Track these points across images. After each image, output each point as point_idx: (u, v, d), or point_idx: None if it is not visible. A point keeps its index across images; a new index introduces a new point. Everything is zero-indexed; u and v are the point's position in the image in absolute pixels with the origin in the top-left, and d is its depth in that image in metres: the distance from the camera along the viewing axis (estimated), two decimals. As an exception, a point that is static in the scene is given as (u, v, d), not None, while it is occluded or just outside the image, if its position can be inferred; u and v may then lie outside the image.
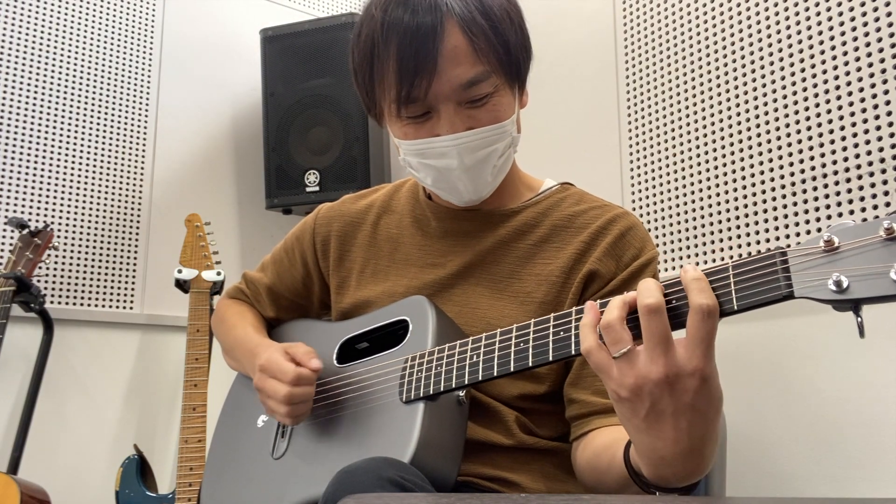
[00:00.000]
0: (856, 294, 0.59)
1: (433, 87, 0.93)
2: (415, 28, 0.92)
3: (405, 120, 0.98)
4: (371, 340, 1.07)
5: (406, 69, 0.93)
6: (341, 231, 1.17)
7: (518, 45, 0.99)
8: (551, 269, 1.02)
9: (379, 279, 1.11)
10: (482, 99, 0.96)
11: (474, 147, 0.96)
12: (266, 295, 1.25)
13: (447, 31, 0.92)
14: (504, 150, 1.00)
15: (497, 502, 0.61)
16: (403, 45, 0.92)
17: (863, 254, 0.59)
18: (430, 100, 0.94)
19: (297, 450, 1.03)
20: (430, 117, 0.97)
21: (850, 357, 1.35)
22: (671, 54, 1.78)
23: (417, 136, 0.98)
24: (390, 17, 0.94)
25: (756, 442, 1.47)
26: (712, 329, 0.64)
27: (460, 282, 1.05)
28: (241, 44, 2.53)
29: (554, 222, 1.06)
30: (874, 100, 1.37)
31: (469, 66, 0.93)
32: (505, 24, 0.96)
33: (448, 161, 0.97)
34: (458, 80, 0.93)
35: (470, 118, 0.96)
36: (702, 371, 0.64)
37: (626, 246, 1.02)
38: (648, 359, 0.65)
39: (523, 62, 1.01)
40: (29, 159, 2.11)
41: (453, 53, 0.92)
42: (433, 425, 0.88)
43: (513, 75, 0.99)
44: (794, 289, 0.62)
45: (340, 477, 0.76)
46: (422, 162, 1.00)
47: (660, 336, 0.64)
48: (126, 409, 2.18)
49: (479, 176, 0.99)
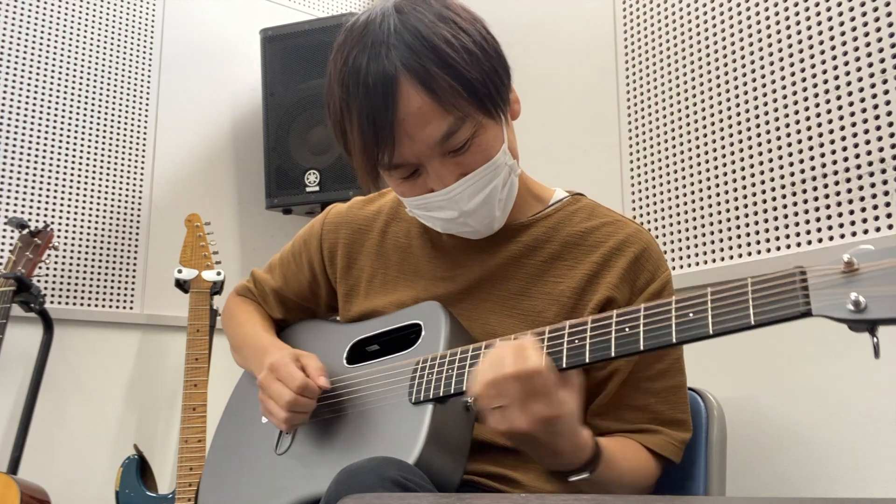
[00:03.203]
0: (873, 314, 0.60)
1: (407, 151, 0.91)
2: (368, 100, 0.89)
3: (397, 179, 0.97)
4: (382, 344, 1.07)
5: (369, 142, 0.91)
6: (349, 238, 1.16)
7: (486, 77, 0.92)
8: (562, 289, 1.01)
9: (388, 289, 1.11)
10: (465, 144, 0.92)
11: (471, 193, 0.95)
12: (273, 297, 1.25)
13: (402, 95, 0.88)
14: (504, 182, 0.98)
15: (497, 502, 0.62)
16: (362, 118, 0.90)
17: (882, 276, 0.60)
18: (412, 161, 0.93)
19: (301, 447, 1.03)
20: (420, 173, 0.95)
21: (849, 357, 1.35)
22: (671, 54, 1.78)
23: (413, 192, 0.97)
24: (346, 89, 0.92)
25: (756, 442, 1.47)
26: (545, 383, 0.77)
27: (469, 297, 1.05)
28: (241, 44, 2.53)
29: (565, 239, 1.04)
30: (874, 100, 1.37)
31: (438, 121, 0.89)
32: (465, 64, 0.90)
33: (450, 212, 0.96)
34: (433, 138, 0.90)
35: (459, 165, 0.93)
36: (551, 417, 0.78)
37: (640, 270, 1.01)
38: (513, 415, 0.78)
39: (497, 89, 0.94)
40: (29, 159, 2.11)
41: (418, 114, 0.89)
42: (440, 427, 0.88)
43: (489, 109, 0.93)
44: (813, 307, 0.63)
45: (343, 476, 0.76)
46: (427, 214, 0.99)
47: (514, 397, 0.78)
48: (126, 409, 2.18)
49: (486, 215, 0.98)
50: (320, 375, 0.99)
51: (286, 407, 0.97)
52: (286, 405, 0.96)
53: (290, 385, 0.97)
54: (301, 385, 0.96)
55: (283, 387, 0.97)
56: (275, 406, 0.99)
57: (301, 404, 0.97)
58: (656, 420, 1.00)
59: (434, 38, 0.90)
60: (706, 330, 0.70)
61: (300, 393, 0.96)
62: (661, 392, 1.01)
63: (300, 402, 0.96)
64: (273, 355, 1.03)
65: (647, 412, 1.00)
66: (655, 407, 1.00)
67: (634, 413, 1.00)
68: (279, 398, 0.97)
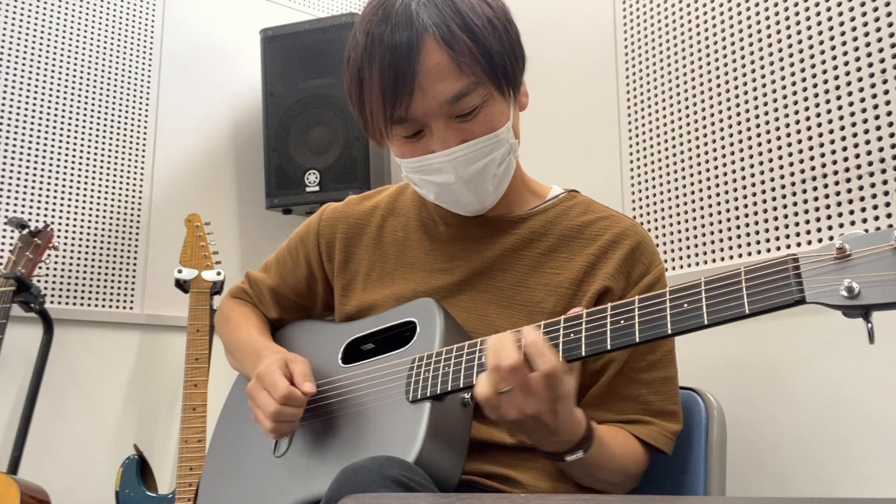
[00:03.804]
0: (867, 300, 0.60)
1: (418, 106, 0.93)
2: (393, 48, 0.92)
3: (401, 139, 0.98)
4: (377, 342, 1.07)
5: (388, 90, 0.93)
6: (346, 233, 1.17)
7: (504, 52, 0.96)
8: (560, 280, 1.02)
9: (385, 283, 1.11)
10: (473, 111, 0.95)
11: (469, 159, 0.96)
12: (269, 296, 1.24)
13: (425, 48, 0.92)
14: (502, 158, 0.99)
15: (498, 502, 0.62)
16: (384, 66, 0.93)
17: (874, 261, 0.60)
18: (419, 118, 0.95)
19: (300, 449, 1.02)
20: (423, 135, 0.97)
21: (849, 357, 1.35)
22: (671, 54, 1.78)
23: (414, 154, 0.98)
24: (371, 39, 0.95)
25: (756, 442, 1.47)
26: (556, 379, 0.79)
27: (468, 288, 1.05)
28: (241, 44, 2.53)
29: (562, 231, 1.06)
30: (874, 100, 1.37)
31: (453, 80, 0.92)
32: (486, 33, 0.94)
33: (445, 176, 0.97)
34: (444, 96, 0.93)
35: (462, 131, 0.95)
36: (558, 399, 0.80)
37: (635, 262, 1.03)
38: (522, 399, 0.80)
39: (511, 67, 0.98)
40: (29, 159, 2.11)
41: (435, 70, 0.92)
42: (439, 425, 0.88)
43: (501, 83, 0.97)
44: (806, 294, 0.63)
45: (343, 475, 0.76)
46: (422, 178, 1.00)
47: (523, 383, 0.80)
48: (126, 409, 2.18)
49: (480, 187, 0.99)
50: (305, 381, 0.98)
51: (271, 417, 0.96)
52: (270, 416, 0.96)
53: (275, 395, 0.96)
54: (284, 395, 0.95)
55: (268, 396, 0.97)
56: (261, 416, 0.98)
57: (285, 414, 0.96)
58: (648, 411, 1.01)
59: (462, 5, 0.94)
60: (701, 320, 0.70)
61: (284, 403, 0.95)
62: (652, 383, 1.02)
63: (284, 413, 0.96)
64: (263, 361, 1.02)
65: (639, 402, 1.01)
66: (647, 397, 1.01)
67: (626, 403, 1.01)
68: (265, 408, 0.97)
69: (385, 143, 1.03)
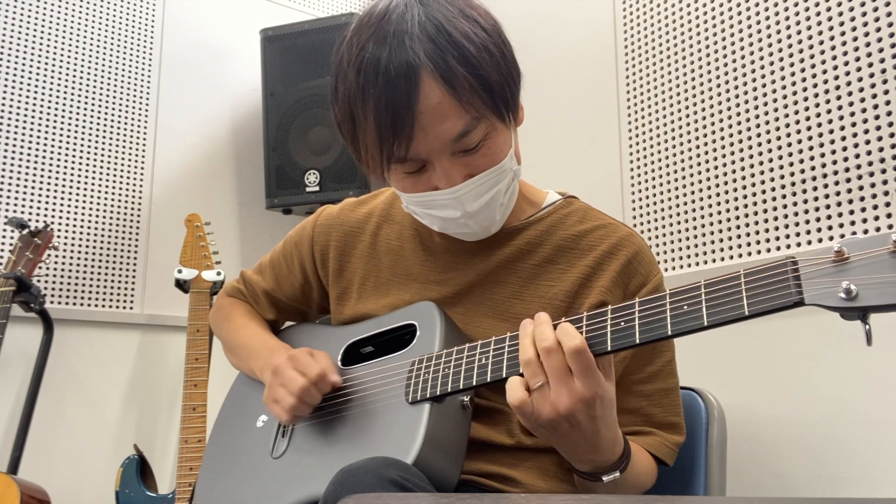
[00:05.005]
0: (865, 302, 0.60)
1: (420, 146, 0.90)
2: (389, 87, 0.87)
3: (401, 174, 0.95)
4: (376, 345, 1.07)
5: (385, 131, 0.89)
6: (340, 241, 1.16)
7: (503, 80, 0.92)
8: (555, 293, 1.01)
9: (380, 292, 1.10)
10: (476, 146, 0.91)
11: (476, 194, 0.94)
12: (265, 298, 1.24)
13: (424, 88, 0.87)
14: (507, 187, 0.98)
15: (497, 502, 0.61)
16: (380, 107, 0.88)
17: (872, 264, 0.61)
18: (422, 157, 0.91)
19: (298, 449, 1.02)
20: (426, 170, 0.94)
21: (849, 357, 1.35)
22: (671, 54, 1.78)
23: (416, 189, 0.95)
24: (364, 75, 0.89)
25: (756, 442, 1.47)
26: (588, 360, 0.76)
27: (462, 301, 1.04)
28: (241, 44, 2.53)
29: (558, 242, 1.04)
30: (874, 100, 1.37)
31: (455, 119, 0.88)
32: (485, 63, 0.89)
33: (451, 212, 0.95)
34: (448, 136, 0.89)
35: (467, 166, 0.92)
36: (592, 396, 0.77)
37: (632, 273, 1.01)
38: (555, 392, 0.77)
39: (511, 94, 0.94)
40: (29, 159, 2.11)
41: (436, 110, 0.87)
42: (438, 426, 0.88)
43: (503, 111, 0.92)
44: (805, 296, 0.63)
45: (341, 476, 0.76)
46: (426, 212, 0.98)
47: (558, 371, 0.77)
48: (126, 409, 2.18)
49: (486, 218, 0.98)
50: (333, 373, 0.99)
51: (297, 392, 0.95)
52: (298, 390, 0.95)
53: (309, 373, 0.96)
54: (319, 374, 0.96)
55: (299, 375, 0.97)
56: (284, 392, 0.97)
57: (311, 395, 0.96)
58: (649, 423, 1.00)
59: (457, 34, 0.89)
60: (701, 321, 0.70)
61: (315, 382, 0.96)
62: (653, 395, 1.01)
63: (311, 392, 0.96)
64: (290, 351, 1.02)
65: (640, 415, 1.00)
66: (648, 409, 1.00)
67: (626, 416, 1.00)
68: (291, 385, 0.96)
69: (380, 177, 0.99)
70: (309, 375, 0.96)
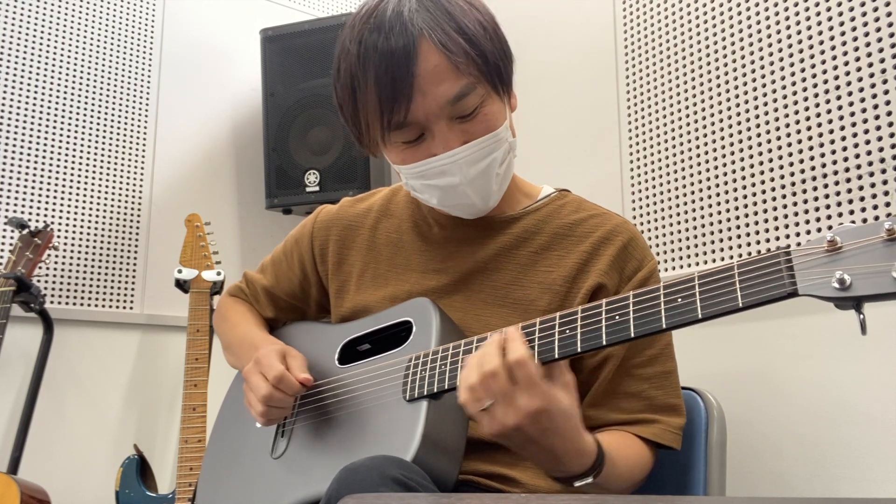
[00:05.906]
0: (858, 291, 0.60)
1: (419, 109, 0.93)
2: (389, 54, 0.92)
3: (400, 145, 0.98)
4: (373, 342, 1.07)
5: (386, 96, 0.93)
6: (340, 235, 1.18)
7: (496, 53, 0.98)
8: (553, 278, 1.03)
9: (379, 284, 1.11)
10: (472, 112, 0.96)
11: (473, 159, 0.97)
12: (264, 296, 1.26)
13: (422, 52, 0.92)
14: (503, 157, 1.00)
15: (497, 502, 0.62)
16: (380, 72, 0.93)
17: (865, 253, 0.61)
18: (421, 121, 0.95)
19: (297, 449, 1.02)
20: (424, 139, 0.97)
21: (848, 357, 1.35)
22: (671, 55, 1.78)
23: (415, 158, 0.98)
24: (364, 47, 0.95)
25: (756, 442, 1.47)
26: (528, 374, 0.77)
27: (462, 288, 1.06)
28: (241, 44, 2.53)
29: (555, 230, 1.06)
30: (874, 100, 1.37)
31: (452, 81, 0.93)
32: (479, 35, 0.96)
33: (450, 178, 0.97)
34: (445, 97, 0.93)
35: (464, 132, 0.96)
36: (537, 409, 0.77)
37: (628, 258, 1.04)
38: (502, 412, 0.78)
39: (504, 68, 1.00)
40: (29, 159, 2.11)
41: (434, 72, 0.93)
42: (436, 424, 0.88)
43: (497, 82, 0.98)
44: (798, 286, 0.63)
45: (343, 475, 0.76)
46: (424, 184, 1.00)
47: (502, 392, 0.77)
48: (126, 409, 2.18)
49: (484, 187, 1.00)
50: (302, 371, 0.99)
51: (262, 400, 0.98)
52: (262, 399, 0.97)
53: (268, 377, 0.98)
54: (277, 376, 0.97)
55: (263, 379, 0.98)
56: (253, 398, 1.00)
57: (276, 399, 0.97)
58: (651, 407, 1.01)
59: (453, 9, 0.96)
60: (695, 314, 0.70)
61: (275, 385, 0.97)
62: (653, 377, 1.02)
63: (275, 397, 0.97)
64: (262, 349, 1.04)
65: (642, 399, 1.01)
66: (649, 392, 1.01)
67: (629, 401, 1.01)
68: (257, 390, 0.98)
69: (380, 152, 1.03)
70: (268, 378, 0.97)
